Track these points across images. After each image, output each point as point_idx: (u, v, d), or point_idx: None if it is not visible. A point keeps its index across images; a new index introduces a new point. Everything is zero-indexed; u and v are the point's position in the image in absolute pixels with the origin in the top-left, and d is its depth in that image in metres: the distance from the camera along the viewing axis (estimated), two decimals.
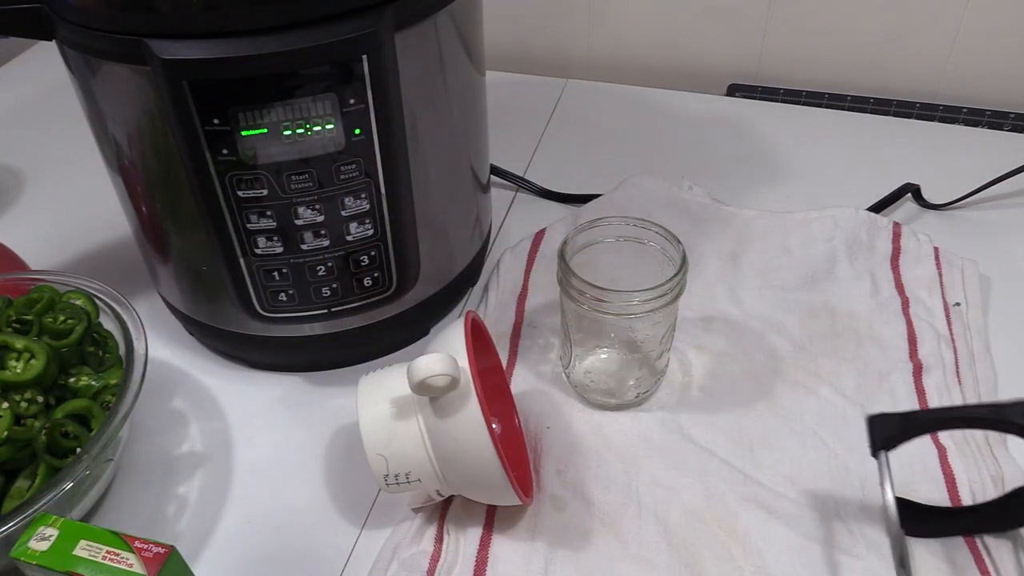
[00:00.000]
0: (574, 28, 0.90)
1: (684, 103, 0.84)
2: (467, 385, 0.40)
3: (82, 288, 0.53)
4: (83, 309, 0.51)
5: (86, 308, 0.51)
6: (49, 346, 0.47)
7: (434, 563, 0.44)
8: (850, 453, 0.49)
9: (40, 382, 0.46)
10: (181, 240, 0.50)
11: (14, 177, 0.78)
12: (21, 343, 0.46)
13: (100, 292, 0.52)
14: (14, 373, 0.45)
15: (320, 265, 0.48)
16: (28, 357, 0.46)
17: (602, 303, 0.46)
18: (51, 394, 0.47)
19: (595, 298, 0.45)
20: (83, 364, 0.49)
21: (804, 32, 0.83)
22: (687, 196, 0.69)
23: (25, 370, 0.46)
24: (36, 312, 0.49)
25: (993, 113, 0.79)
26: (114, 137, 0.47)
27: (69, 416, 0.46)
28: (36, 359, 0.46)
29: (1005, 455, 0.48)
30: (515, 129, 0.81)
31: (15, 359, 0.46)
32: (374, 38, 0.41)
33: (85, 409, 0.46)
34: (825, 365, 0.54)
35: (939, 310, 0.57)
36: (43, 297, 0.50)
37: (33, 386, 0.45)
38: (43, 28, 0.44)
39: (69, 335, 0.49)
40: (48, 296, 0.51)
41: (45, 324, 0.49)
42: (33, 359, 0.46)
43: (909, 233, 0.63)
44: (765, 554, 0.44)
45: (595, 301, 0.46)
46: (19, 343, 0.46)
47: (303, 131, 0.42)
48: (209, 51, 0.39)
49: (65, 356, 0.48)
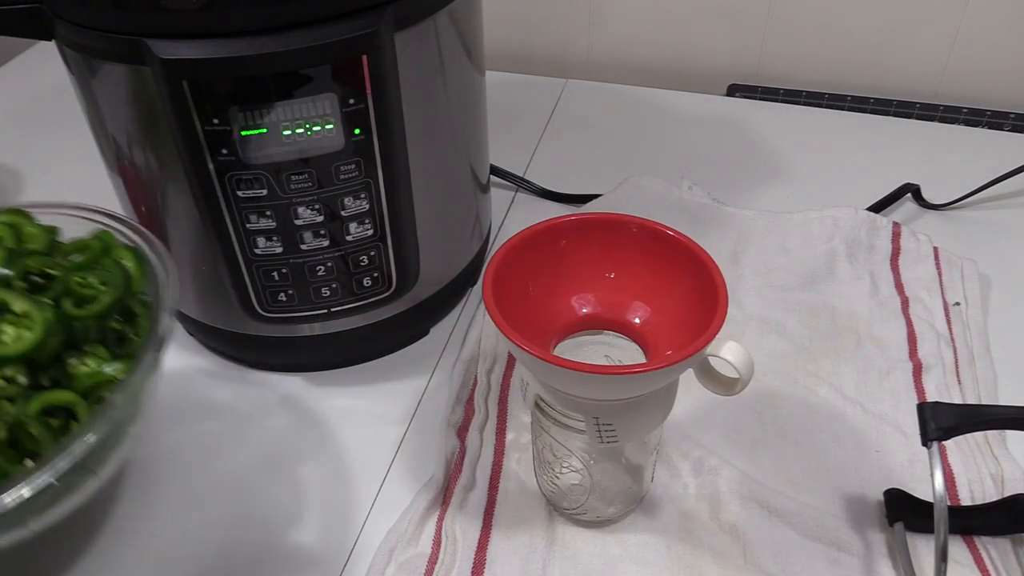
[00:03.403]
0: (574, 28, 0.90)
1: (684, 103, 0.84)
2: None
3: (138, 246, 0.43)
4: (125, 272, 0.42)
5: (130, 271, 0.42)
6: (58, 314, 0.38)
7: (432, 565, 0.44)
8: (849, 452, 0.49)
9: (29, 359, 0.38)
10: (180, 240, 0.50)
11: (14, 177, 0.78)
12: (21, 305, 0.38)
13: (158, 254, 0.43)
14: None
15: (320, 265, 0.48)
16: (26, 325, 0.38)
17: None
18: (46, 374, 0.39)
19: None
20: (101, 343, 0.40)
21: (804, 32, 0.83)
22: (687, 196, 0.69)
23: (14, 341, 0.37)
24: (69, 268, 0.40)
25: (993, 113, 0.79)
26: (114, 137, 0.47)
27: (48, 410, 0.37)
28: (31, 329, 0.38)
29: (1005, 453, 0.48)
30: (515, 129, 0.81)
31: (9, 324, 0.38)
32: (374, 38, 0.41)
33: (70, 403, 0.38)
34: (825, 365, 0.54)
35: (939, 310, 0.57)
36: (94, 248, 0.42)
37: (17, 362, 0.37)
38: (43, 28, 0.44)
39: (91, 304, 0.40)
40: (100, 247, 0.42)
41: (71, 285, 0.40)
42: (28, 329, 0.38)
43: (909, 233, 0.63)
44: (765, 554, 0.44)
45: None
46: (19, 304, 0.38)
47: (303, 131, 0.42)
48: (209, 51, 0.39)
49: (79, 330, 0.40)
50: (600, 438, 0.39)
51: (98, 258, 0.42)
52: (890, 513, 0.45)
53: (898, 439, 0.49)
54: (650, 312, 0.41)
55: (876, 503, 0.46)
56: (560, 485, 0.45)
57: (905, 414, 0.51)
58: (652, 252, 0.41)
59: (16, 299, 0.38)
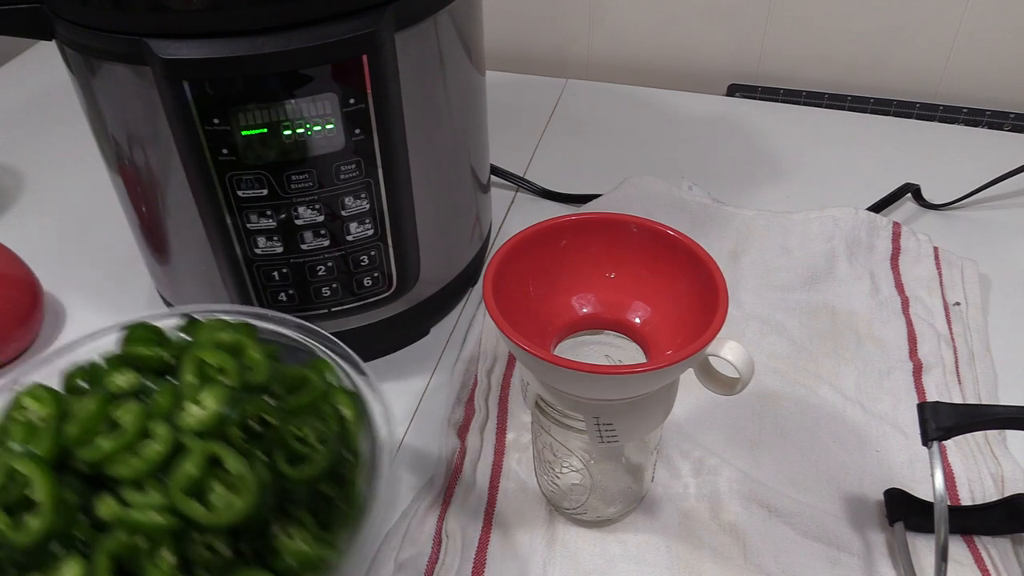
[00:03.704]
0: (574, 28, 0.90)
1: (684, 103, 0.84)
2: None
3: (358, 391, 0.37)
4: (343, 425, 0.36)
5: (348, 418, 0.37)
6: (270, 475, 0.33)
7: (432, 565, 0.44)
8: (849, 452, 0.49)
9: (235, 530, 0.33)
10: (181, 240, 0.50)
11: (14, 177, 0.78)
12: (236, 465, 0.33)
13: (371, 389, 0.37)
14: (206, 510, 0.32)
15: (320, 265, 0.48)
16: (235, 487, 0.33)
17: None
18: (247, 541, 0.33)
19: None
20: (310, 510, 0.35)
21: (804, 32, 0.83)
22: (687, 196, 0.69)
23: (225, 507, 0.32)
24: (286, 413, 0.35)
25: (993, 113, 0.79)
26: (114, 137, 0.47)
27: None
28: (242, 495, 0.32)
29: (1005, 453, 0.48)
30: (515, 129, 0.81)
31: (220, 482, 0.33)
32: (374, 38, 0.41)
33: None
34: (825, 365, 0.54)
35: (939, 310, 0.57)
36: (313, 388, 0.37)
37: (223, 533, 0.32)
38: (43, 28, 0.44)
39: (306, 464, 0.35)
40: (320, 391, 0.37)
41: (287, 437, 0.35)
42: (237, 495, 0.32)
43: (909, 233, 0.63)
44: (765, 554, 0.44)
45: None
46: (233, 463, 0.33)
47: (303, 131, 0.42)
48: (209, 51, 0.39)
49: (288, 491, 0.34)
50: (600, 438, 0.39)
51: (316, 402, 0.38)
52: (890, 513, 0.45)
53: (898, 439, 0.49)
54: (650, 312, 0.41)
55: (876, 503, 0.46)
56: (560, 485, 0.45)
57: (905, 414, 0.51)
58: (652, 252, 0.41)
59: (231, 456, 0.33)
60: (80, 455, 0.33)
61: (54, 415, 0.35)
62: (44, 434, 0.34)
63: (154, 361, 0.38)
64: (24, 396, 0.37)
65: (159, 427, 0.34)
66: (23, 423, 0.35)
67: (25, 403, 0.36)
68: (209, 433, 0.34)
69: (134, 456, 0.33)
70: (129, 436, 0.33)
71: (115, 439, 0.33)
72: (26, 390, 0.37)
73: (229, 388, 0.35)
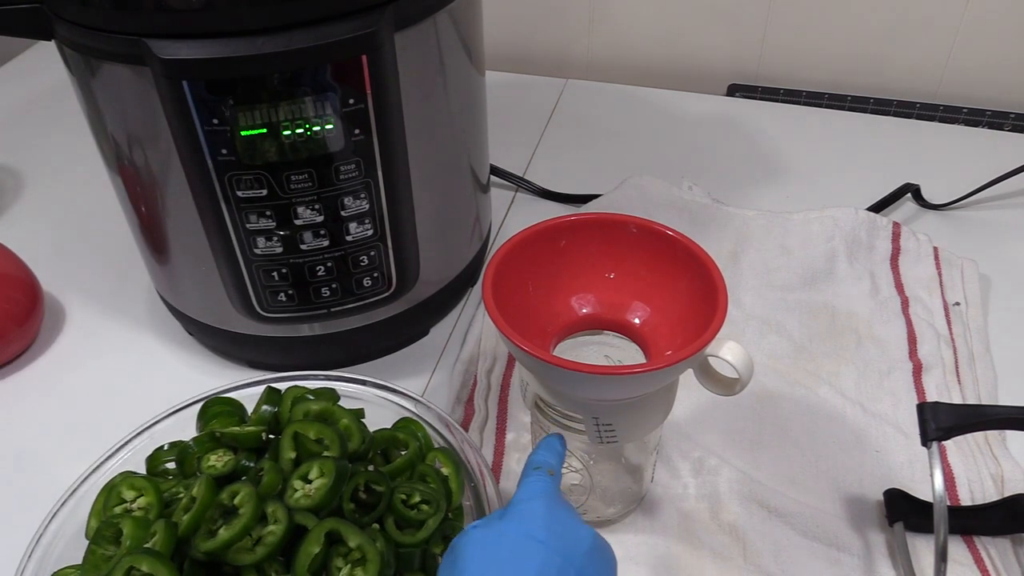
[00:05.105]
0: (574, 28, 0.90)
1: (684, 103, 0.84)
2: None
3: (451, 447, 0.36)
4: (446, 486, 0.36)
5: (449, 476, 0.36)
6: (388, 544, 0.32)
7: None
8: (849, 452, 0.49)
9: None
10: (180, 240, 0.50)
11: (14, 177, 0.78)
12: (356, 539, 0.32)
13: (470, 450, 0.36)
14: None
15: (320, 265, 0.48)
16: (357, 559, 0.32)
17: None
18: None
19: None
20: (423, 571, 0.34)
21: (804, 32, 0.83)
22: (687, 196, 0.69)
23: None
24: (393, 472, 0.34)
25: (993, 113, 0.79)
26: (114, 137, 0.47)
27: None
28: (365, 571, 0.31)
29: (1005, 453, 0.48)
30: (515, 129, 0.81)
31: (340, 559, 0.32)
32: (374, 38, 0.41)
33: None
34: (825, 365, 0.54)
35: (939, 310, 0.57)
36: (409, 451, 0.35)
37: None
38: (43, 28, 0.44)
39: (418, 528, 0.34)
40: (415, 452, 0.36)
41: (396, 504, 0.34)
42: (360, 567, 0.31)
43: (909, 233, 0.63)
44: (765, 554, 0.44)
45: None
46: (354, 538, 0.32)
47: (303, 131, 0.42)
48: (209, 51, 0.39)
49: (401, 557, 0.34)
50: (600, 438, 0.39)
51: (415, 462, 0.37)
52: (890, 513, 0.45)
53: (898, 439, 0.49)
54: (650, 312, 0.41)
55: (876, 503, 0.46)
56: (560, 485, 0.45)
57: (905, 414, 0.51)
58: (652, 252, 0.41)
59: (350, 531, 0.32)
60: (200, 547, 0.32)
61: (155, 503, 0.34)
62: (160, 528, 0.32)
63: (247, 439, 0.36)
64: (120, 486, 0.35)
65: (275, 509, 0.32)
66: (133, 518, 0.33)
67: (124, 494, 0.35)
68: (322, 508, 0.33)
69: (254, 542, 0.32)
70: (246, 521, 0.32)
71: (232, 527, 0.32)
72: (119, 479, 0.35)
73: (334, 460, 0.34)
